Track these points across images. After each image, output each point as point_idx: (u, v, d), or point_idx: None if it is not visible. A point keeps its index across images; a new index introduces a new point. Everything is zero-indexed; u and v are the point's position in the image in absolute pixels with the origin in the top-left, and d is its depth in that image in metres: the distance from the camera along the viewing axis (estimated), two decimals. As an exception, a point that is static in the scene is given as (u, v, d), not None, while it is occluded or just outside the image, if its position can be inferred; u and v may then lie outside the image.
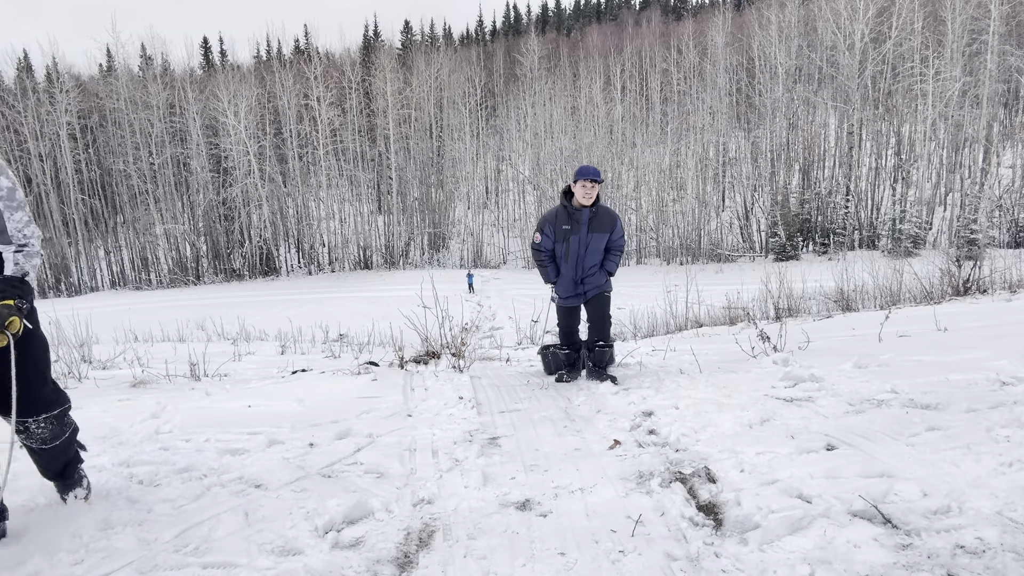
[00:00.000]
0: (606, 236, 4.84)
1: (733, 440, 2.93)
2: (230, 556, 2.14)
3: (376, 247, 40.13)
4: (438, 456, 3.08)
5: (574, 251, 4.80)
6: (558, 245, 4.87)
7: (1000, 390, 3.21)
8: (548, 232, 4.90)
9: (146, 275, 37.87)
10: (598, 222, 4.79)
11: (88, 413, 3.82)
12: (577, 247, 4.80)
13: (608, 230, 4.82)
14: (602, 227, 4.81)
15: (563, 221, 4.81)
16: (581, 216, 4.74)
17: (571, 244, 4.79)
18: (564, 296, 4.93)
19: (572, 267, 4.82)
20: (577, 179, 4.72)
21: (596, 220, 4.78)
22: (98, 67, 45.01)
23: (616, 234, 4.89)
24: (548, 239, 4.91)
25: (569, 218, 4.78)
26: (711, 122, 39.26)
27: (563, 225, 4.80)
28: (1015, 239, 29.98)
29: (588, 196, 4.69)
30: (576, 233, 4.77)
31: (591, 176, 4.68)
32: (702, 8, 69.69)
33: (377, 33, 68.60)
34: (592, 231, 4.78)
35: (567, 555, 2.17)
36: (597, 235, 4.80)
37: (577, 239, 4.79)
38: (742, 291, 12.62)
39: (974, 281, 9.36)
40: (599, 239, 4.82)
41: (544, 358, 5.24)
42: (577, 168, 4.78)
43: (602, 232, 4.81)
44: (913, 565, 1.88)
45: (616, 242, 4.92)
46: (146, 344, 9.29)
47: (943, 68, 31.89)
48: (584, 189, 4.67)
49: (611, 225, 4.83)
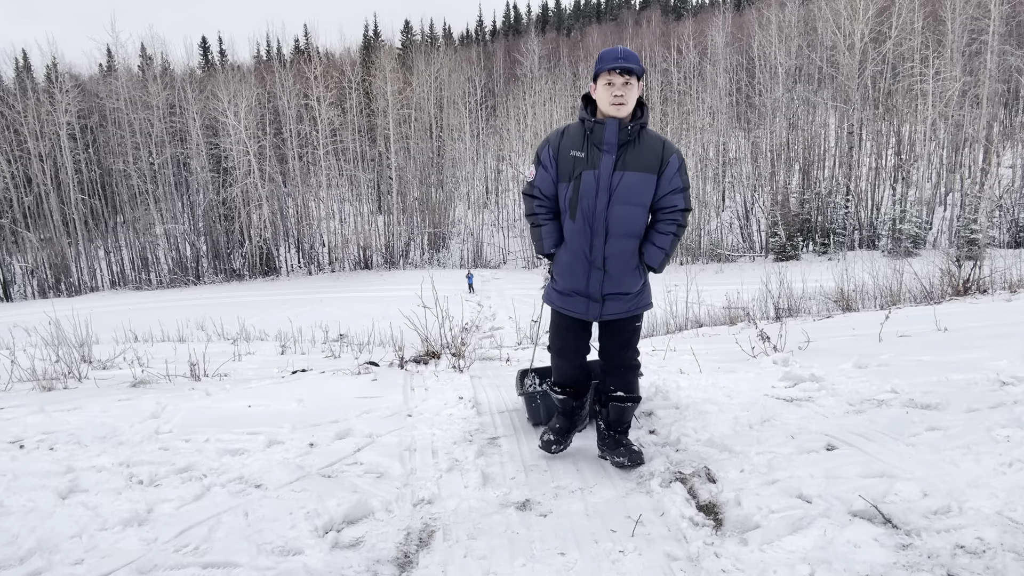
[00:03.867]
0: (652, 179, 2.73)
1: (733, 440, 2.93)
2: (230, 556, 2.14)
3: (376, 247, 40.12)
4: (438, 456, 3.08)
5: (589, 200, 2.72)
6: (563, 187, 2.80)
7: (1000, 390, 3.21)
8: (548, 161, 2.84)
9: (146, 275, 37.86)
10: (637, 151, 2.72)
11: (88, 413, 3.81)
12: (594, 193, 2.71)
13: (655, 168, 2.73)
14: (644, 162, 2.72)
15: (574, 142, 2.77)
16: (605, 135, 2.70)
17: (583, 186, 2.72)
18: (565, 290, 2.87)
19: (583, 233, 2.76)
20: (599, 71, 2.70)
21: (634, 148, 2.72)
22: (98, 67, 45.01)
23: (669, 179, 2.76)
24: (547, 175, 2.85)
25: (585, 139, 2.75)
26: (711, 122, 39.26)
27: (572, 150, 2.77)
28: (1015, 239, 29.97)
29: (620, 100, 2.66)
30: (593, 167, 2.71)
31: (623, 63, 2.65)
32: (702, 8, 69.68)
33: (377, 33, 68.61)
34: (625, 166, 2.70)
35: (567, 555, 2.17)
36: (634, 175, 2.71)
37: (594, 177, 2.70)
38: (742, 291, 12.62)
39: (974, 281, 9.35)
40: (638, 184, 2.71)
41: (528, 401, 3.48)
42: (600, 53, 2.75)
43: (643, 171, 2.72)
44: (913, 565, 1.88)
45: (669, 198, 2.77)
46: (146, 344, 9.30)
47: (943, 68, 31.89)
48: (612, 88, 2.66)
49: (660, 161, 2.74)
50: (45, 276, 36.26)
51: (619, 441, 2.96)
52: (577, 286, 2.86)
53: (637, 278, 2.86)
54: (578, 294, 2.87)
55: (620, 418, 3.00)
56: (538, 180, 2.90)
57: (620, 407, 2.99)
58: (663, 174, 2.77)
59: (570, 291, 2.89)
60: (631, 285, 2.85)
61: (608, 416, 3.01)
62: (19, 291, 36.21)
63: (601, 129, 2.73)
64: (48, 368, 5.26)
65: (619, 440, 2.96)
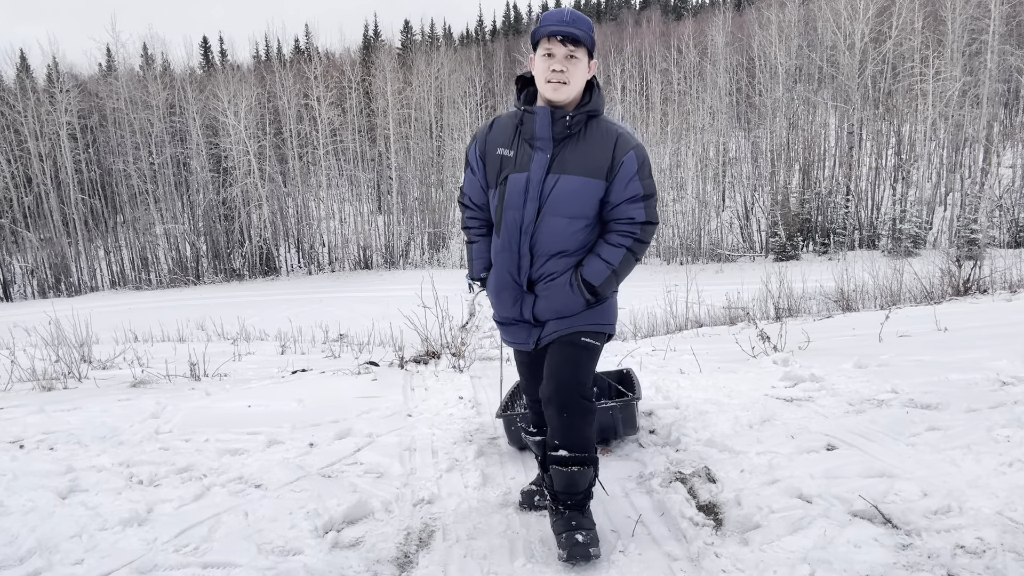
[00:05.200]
0: (599, 186, 2.14)
1: (733, 440, 2.93)
2: (230, 556, 2.14)
3: (376, 247, 40.11)
4: (438, 456, 3.08)
5: (514, 212, 2.18)
6: (491, 195, 2.28)
7: (1000, 390, 3.21)
8: (475, 162, 2.33)
9: (146, 275, 37.85)
10: (581, 149, 2.14)
11: (88, 413, 3.82)
12: (521, 202, 2.16)
13: (602, 171, 2.13)
14: (588, 163, 2.13)
15: (502, 137, 2.23)
16: (536, 127, 2.13)
17: (508, 193, 2.18)
18: (502, 319, 2.40)
19: (508, 252, 2.23)
20: (537, 38, 2.12)
21: (576, 144, 2.14)
22: (98, 67, 44.99)
23: (623, 185, 2.15)
24: (475, 179, 2.34)
25: (515, 132, 2.21)
26: (711, 122, 39.25)
27: (500, 147, 2.22)
28: (1015, 239, 29.96)
29: (560, 77, 2.08)
30: (522, 168, 2.16)
31: (568, 27, 2.07)
32: (702, 8, 69.68)
33: (377, 33, 68.59)
34: (563, 168, 2.13)
35: (567, 555, 2.16)
36: (573, 180, 2.13)
37: (523, 182, 2.15)
38: (742, 291, 12.61)
39: (974, 281, 9.35)
40: (579, 190, 2.14)
41: (507, 424, 3.18)
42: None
43: (587, 175, 2.13)
44: (913, 565, 1.88)
45: (624, 208, 2.17)
46: (146, 344, 9.30)
47: (943, 68, 31.88)
48: (550, 61, 2.08)
49: (610, 161, 2.13)
50: (45, 276, 36.25)
51: (570, 521, 2.10)
52: (510, 312, 2.34)
53: (576, 299, 2.21)
54: (515, 321, 2.35)
55: (568, 487, 2.15)
56: (466, 186, 2.38)
57: (564, 472, 2.15)
58: (615, 179, 2.13)
59: (506, 319, 2.38)
60: (569, 307, 2.23)
61: (552, 483, 2.21)
62: (19, 291, 36.19)
63: (532, 120, 2.13)
64: (48, 368, 5.26)
65: (570, 520, 2.11)
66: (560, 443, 2.17)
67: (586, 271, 2.19)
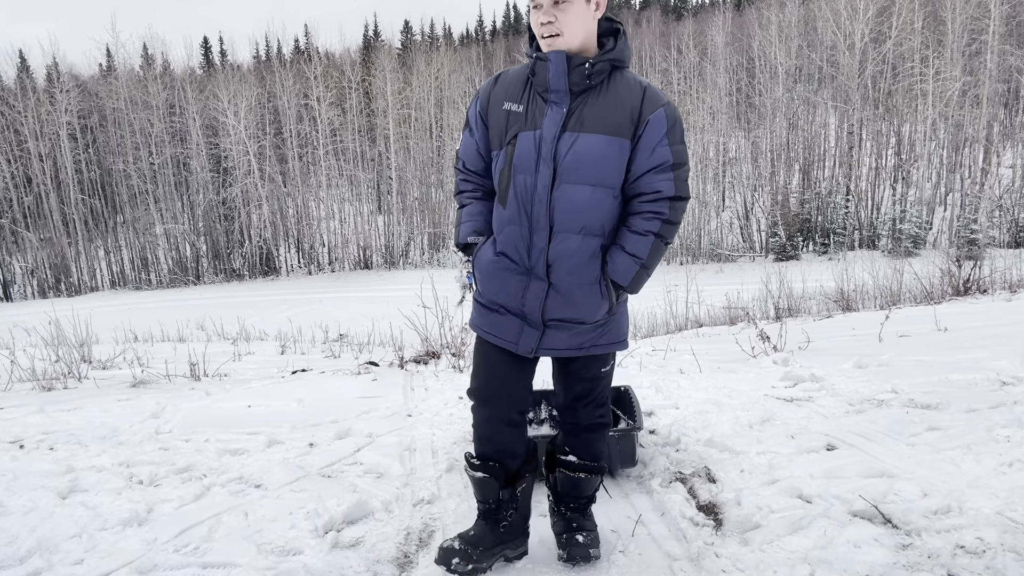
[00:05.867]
0: (623, 147, 1.82)
1: (733, 440, 2.93)
2: (230, 556, 2.14)
3: (376, 247, 40.12)
4: (438, 456, 3.08)
5: (526, 177, 1.85)
6: (495, 157, 1.93)
7: (1000, 390, 3.21)
8: (474, 121, 2.01)
9: (146, 275, 37.84)
10: (602, 103, 1.82)
11: (88, 413, 3.82)
12: (533, 165, 1.83)
13: (627, 130, 1.82)
14: (611, 119, 1.81)
15: (510, 91, 1.91)
16: (550, 76, 1.81)
17: (519, 154, 1.85)
18: (490, 303, 1.97)
19: (517, 224, 1.88)
20: None
21: (598, 98, 1.83)
22: (98, 67, 44.98)
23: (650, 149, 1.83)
24: (472, 140, 2.03)
25: (526, 85, 1.89)
26: (711, 122, 39.25)
27: (507, 101, 1.90)
28: (1015, 239, 29.96)
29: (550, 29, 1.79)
30: (534, 126, 1.83)
31: None
32: (702, 8, 69.66)
33: (377, 33, 68.57)
34: (581, 126, 1.81)
35: (567, 555, 2.16)
36: (593, 139, 1.80)
37: (534, 141, 1.83)
38: (742, 291, 12.61)
39: (974, 281, 9.35)
40: (601, 152, 1.81)
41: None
42: None
43: (609, 132, 1.81)
44: (913, 565, 1.88)
45: (648, 179, 1.85)
46: (146, 344, 9.29)
47: (943, 68, 31.88)
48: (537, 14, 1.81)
49: (635, 118, 1.82)
50: (45, 276, 36.24)
51: (571, 523, 2.06)
52: (507, 300, 1.91)
53: (598, 300, 1.87)
54: (509, 312, 1.92)
55: (572, 491, 2.09)
56: (462, 149, 2.05)
57: (570, 477, 2.08)
58: (640, 141, 1.80)
59: (497, 305, 1.93)
60: (589, 310, 1.88)
61: (556, 484, 2.14)
62: (19, 291, 36.19)
63: (544, 68, 1.79)
64: (48, 368, 5.26)
65: (571, 521, 2.06)
66: (570, 450, 2.11)
67: (612, 269, 1.87)
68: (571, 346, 1.95)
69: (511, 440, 2.03)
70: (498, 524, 2.01)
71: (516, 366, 1.99)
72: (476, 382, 2.03)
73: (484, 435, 2.04)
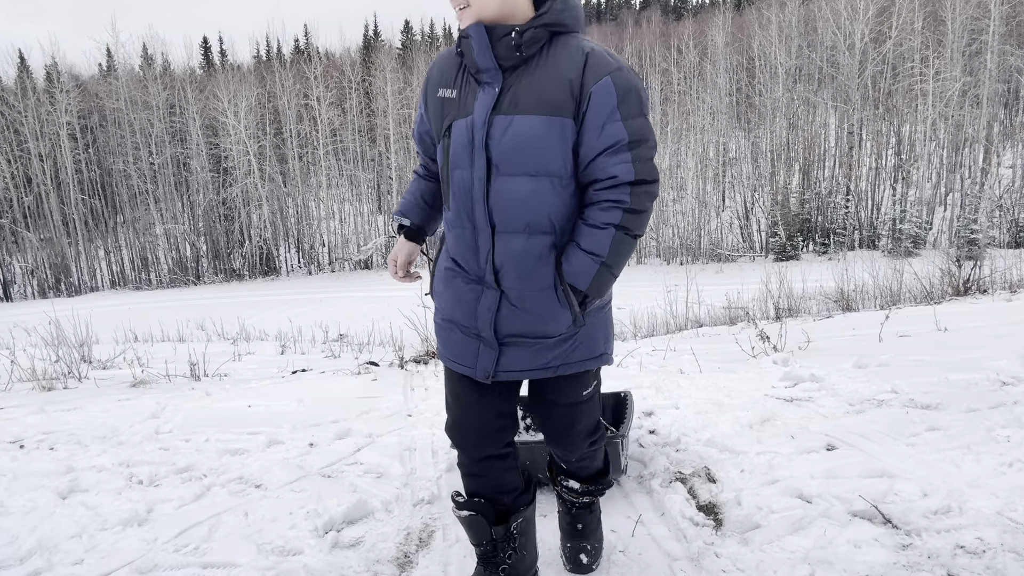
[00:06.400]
0: (564, 127, 1.51)
1: (733, 440, 2.93)
2: (230, 556, 2.14)
3: (376, 247, 40.13)
4: (438, 456, 3.08)
5: (462, 172, 1.59)
6: (438, 150, 1.68)
7: (1000, 390, 3.21)
8: (422, 107, 1.78)
9: (146, 275, 37.86)
10: (538, 77, 1.52)
11: (88, 413, 3.82)
12: (468, 157, 1.57)
13: (566, 106, 1.50)
14: (547, 95, 1.50)
15: (445, 74, 1.66)
16: (475, 53, 1.54)
17: (454, 146, 1.60)
18: (443, 320, 1.75)
19: (461, 226, 1.63)
20: None
21: (533, 72, 1.53)
22: (98, 67, 44.99)
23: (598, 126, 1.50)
24: (423, 124, 1.82)
25: (460, 66, 1.62)
26: (711, 122, 39.25)
27: (442, 87, 1.65)
28: (1015, 239, 29.98)
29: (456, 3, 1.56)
30: (466, 112, 1.57)
31: None
32: (702, 8, 69.66)
33: (377, 33, 68.56)
34: (514, 107, 1.52)
35: (567, 555, 2.16)
36: (528, 121, 1.51)
37: (467, 130, 1.57)
38: (742, 291, 12.62)
39: (974, 281, 9.35)
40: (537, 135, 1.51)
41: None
42: None
43: (545, 112, 1.50)
44: (913, 565, 1.88)
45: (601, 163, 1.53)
46: (146, 344, 9.29)
47: (943, 68, 31.90)
48: None
49: (576, 90, 1.50)
50: (45, 276, 36.26)
51: (576, 523, 2.01)
52: (461, 315, 1.67)
53: (556, 309, 1.60)
54: (463, 329, 1.68)
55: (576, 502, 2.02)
56: (415, 127, 1.88)
57: (570, 502, 2.01)
58: (586, 117, 1.51)
59: (450, 324, 1.72)
60: (547, 322, 1.61)
61: (562, 497, 2.05)
62: (19, 291, 36.20)
63: (469, 46, 1.55)
64: (48, 368, 5.26)
65: (575, 523, 2.01)
66: (573, 473, 1.98)
67: (566, 269, 1.58)
68: (535, 366, 1.66)
69: (497, 476, 1.80)
70: (497, 568, 1.80)
71: (489, 394, 1.72)
72: (449, 419, 1.80)
73: (468, 473, 1.81)
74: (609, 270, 1.59)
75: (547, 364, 1.67)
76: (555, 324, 1.62)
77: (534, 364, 1.66)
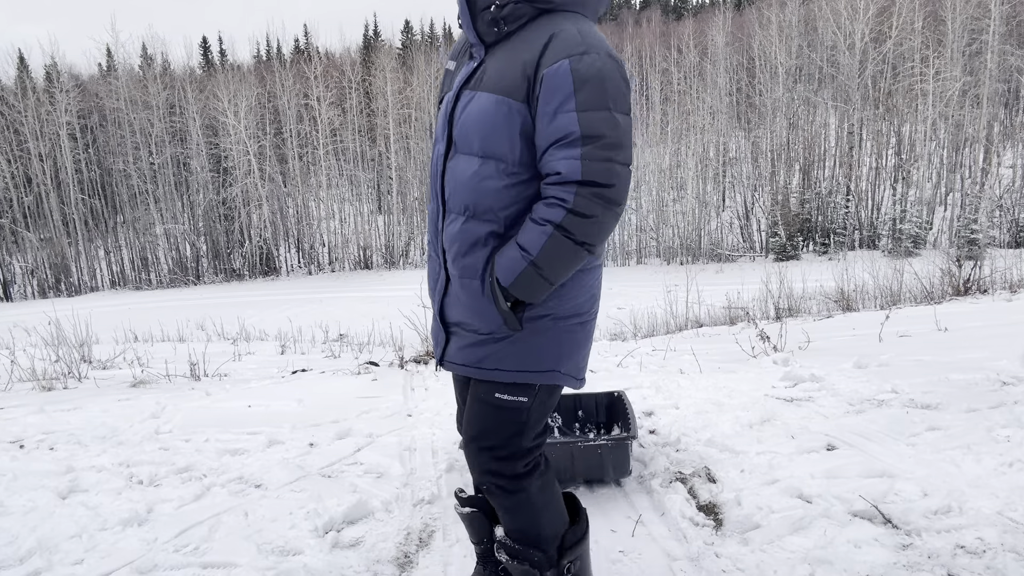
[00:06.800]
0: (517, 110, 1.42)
1: (733, 440, 2.93)
2: (230, 556, 2.14)
3: (376, 247, 40.13)
4: (438, 456, 3.08)
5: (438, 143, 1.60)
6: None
7: (1000, 390, 3.21)
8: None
9: (146, 275, 37.84)
10: (506, 55, 1.46)
11: (88, 413, 3.81)
12: (441, 132, 1.59)
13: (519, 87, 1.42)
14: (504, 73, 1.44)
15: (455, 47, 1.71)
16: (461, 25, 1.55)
17: (439, 115, 1.64)
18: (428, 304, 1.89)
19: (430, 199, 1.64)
20: None
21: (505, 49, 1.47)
22: (98, 67, 44.99)
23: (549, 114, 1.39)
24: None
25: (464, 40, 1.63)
26: (711, 122, 39.24)
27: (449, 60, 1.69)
28: (1015, 239, 29.97)
29: None
30: (450, 87, 1.61)
31: None
32: (702, 8, 69.65)
33: (377, 33, 68.54)
34: (480, 83, 1.49)
35: (567, 555, 2.16)
36: (483, 97, 1.46)
37: (447, 102, 1.59)
38: (742, 291, 12.61)
39: (974, 281, 9.35)
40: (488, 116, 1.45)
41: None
42: None
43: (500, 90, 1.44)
44: (913, 565, 1.88)
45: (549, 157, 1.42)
46: (146, 344, 9.29)
47: (943, 68, 31.89)
48: None
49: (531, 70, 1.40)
50: (45, 276, 36.24)
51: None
52: (430, 296, 1.70)
53: (482, 301, 1.51)
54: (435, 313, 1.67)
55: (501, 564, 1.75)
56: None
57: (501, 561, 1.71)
58: (538, 102, 1.40)
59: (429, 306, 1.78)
60: (476, 314, 1.54)
61: None
62: (19, 291, 36.19)
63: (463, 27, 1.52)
64: (48, 368, 5.26)
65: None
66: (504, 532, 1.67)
67: (497, 262, 1.47)
68: (468, 361, 1.57)
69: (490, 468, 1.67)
70: (497, 567, 1.76)
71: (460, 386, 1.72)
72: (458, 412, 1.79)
73: (468, 465, 1.74)
74: (539, 271, 1.44)
75: (479, 362, 1.55)
76: (483, 319, 1.53)
77: (467, 359, 1.58)
